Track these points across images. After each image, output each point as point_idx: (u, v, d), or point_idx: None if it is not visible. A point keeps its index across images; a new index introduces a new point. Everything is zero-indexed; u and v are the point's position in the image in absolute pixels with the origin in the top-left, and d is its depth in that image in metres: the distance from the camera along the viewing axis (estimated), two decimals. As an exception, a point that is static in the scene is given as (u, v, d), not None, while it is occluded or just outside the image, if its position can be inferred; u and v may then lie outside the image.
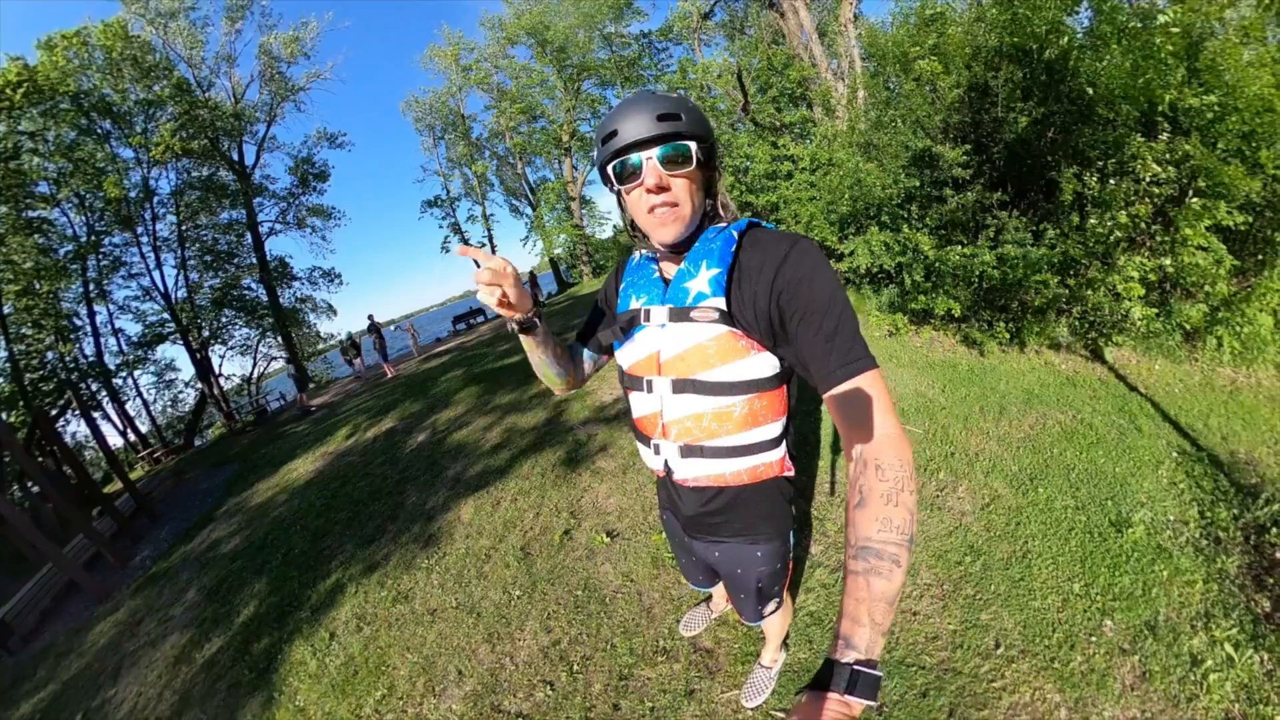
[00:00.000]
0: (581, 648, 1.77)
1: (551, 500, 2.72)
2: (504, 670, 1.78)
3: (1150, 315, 3.29)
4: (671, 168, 0.67)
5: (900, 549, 0.50)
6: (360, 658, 2.09)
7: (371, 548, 2.91)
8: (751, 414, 0.74)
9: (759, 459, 0.78)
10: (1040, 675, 1.46)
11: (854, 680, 0.44)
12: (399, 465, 4.06)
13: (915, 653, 1.55)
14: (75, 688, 2.62)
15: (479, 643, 1.94)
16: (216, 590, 3.13)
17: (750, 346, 0.70)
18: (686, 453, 0.78)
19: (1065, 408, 2.93)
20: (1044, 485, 2.26)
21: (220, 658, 2.40)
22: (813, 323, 0.62)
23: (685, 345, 0.73)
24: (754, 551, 0.89)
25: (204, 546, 4.03)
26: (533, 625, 1.92)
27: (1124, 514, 2.05)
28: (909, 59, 3.84)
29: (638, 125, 0.66)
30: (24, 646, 3.43)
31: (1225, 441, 2.67)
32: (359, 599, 2.48)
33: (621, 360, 0.85)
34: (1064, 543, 1.93)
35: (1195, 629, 1.58)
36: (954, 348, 3.96)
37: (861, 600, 0.48)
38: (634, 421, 0.88)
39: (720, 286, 0.70)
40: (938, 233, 3.86)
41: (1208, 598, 1.69)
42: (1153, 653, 1.51)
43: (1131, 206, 3.19)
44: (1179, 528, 2.01)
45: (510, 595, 2.11)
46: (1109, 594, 1.70)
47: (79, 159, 10.89)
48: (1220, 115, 3.10)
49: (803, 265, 0.65)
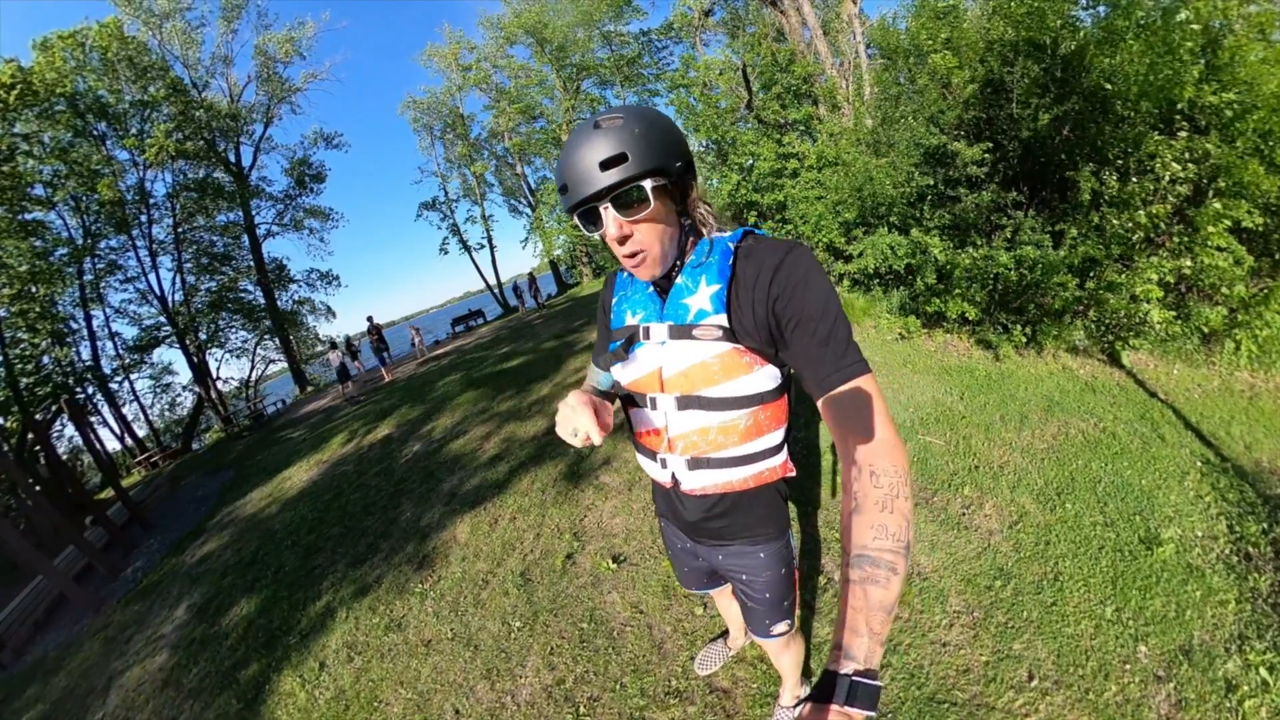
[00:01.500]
0: (588, 687, 1.67)
1: (553, 519, 2.62)
2: (504, 711, 1.68)
3: (1169, 318, 3.19)
4: (629, 213, 0.65)
5: (897, 556, 0.50)
6: (351, 691, 1.99)
7: (364, 568, 2.82)
8: (756, 425, 0.75)
9: (764, 465, 0.79)
10: (1075, 708, 1.37)
11: (853, 691, 0.43)
12: (394, 477, 3.97)
13: (946, 688, 1.46)
14: (65, 707, 2.58)
15: (477, 679, 1.83)
16: (205, 609, 3.07)
17: (754, 362, 0.70)
18: (694, 465, 0.79)
19: (1087, 415, 2.84)
20: (1071, 500, 2.16)
21: (207, 684, 2.34)
22: (807, 329, 0.63)
23: (688, 362, 0.73)
24: (757, 553, 0.91)
25: (195, 560, 3.97)
26: (535, 661, 1.82)
27: (1153, 530, 1.97)
28: (923, 52, 3.71)
29: (583, 180, 0.63)
30: (16, 660, 3.37)
31: (1249, 451, 2.60)
32: (350, 625, 2.39)
33: (621, 377, 0.83)
34: (1094, 563, 1.83)
35: (1229, 652, 1.53)
36: (969, 351, 3.84)
37: (859, 609, 0.48)
38: (635, 436, 0.88)
39: (721, 303, 0.69)
40: (950, 233, 3.74)
41: (1240, 618, 1.64)
42: (1188, 679, 1.45)
43: (1150, 206, 3.09)
44: (1208, 544, 1.94)
45: (510, 627, 2.00)
46: (1141, 618, 1.62)
47: (74, 161, 10.77)
48: (1240, 113, 3.00)
49: (796, 272, 0.65)
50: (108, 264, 11.91)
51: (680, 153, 0.67)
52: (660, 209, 0.68)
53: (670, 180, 0.67)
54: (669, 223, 0.70)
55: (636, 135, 0.62)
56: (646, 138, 0.63)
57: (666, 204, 0.69)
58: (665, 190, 0.68)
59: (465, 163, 17.46)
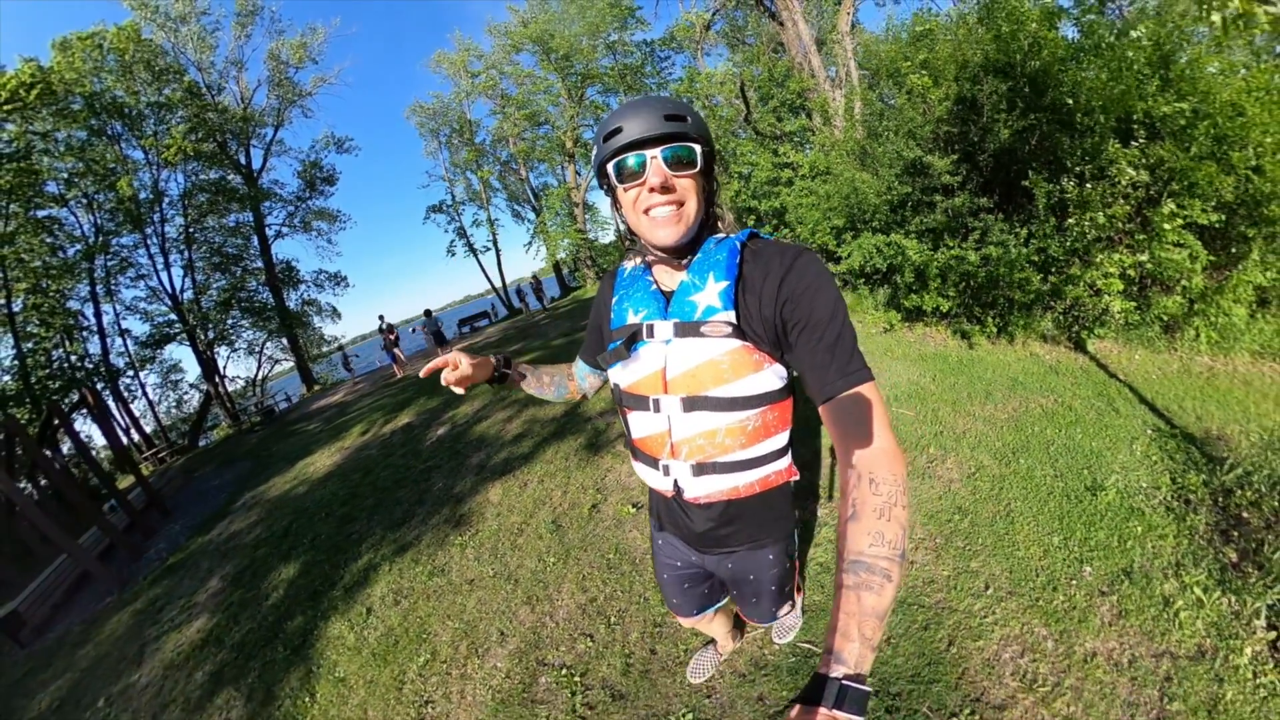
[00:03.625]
0: (617, 603, 1.96)
1: (577, 480, 2.91)
2: (545, 628, 1.95)
3: (1129, 308, 3.53)
4: (676, 168, 0.67)
5: (891, 564, 0.50)
6: (400, 628, 2.17)
7: (401, 530, 3.02)
8: (764, 426, 0.75)
9: (770, 468, 0.79)
10: (1027, 612, 1.66)
11: (842, 695, 0.44)
12: (421, 456, 4.20)
13: (915, 595, 1.76)
14: (95, 675, 2.60)
15: (519, 605, 2.10)
16: (241, 577, 3.17)
17: (762, 360, 0.70)
18: (699, 471, 0.77)
19: (1048, 393, 3.15)
20: (1025, 457, 2.47)
21: (251, 638, 2.43)
22: (815, 333, 0.63)
23: (696, 361, 0.71)
24: (765, 555, 0.91)
25: (223, 538, 4.08)
26: (569, 587, 2.10)
27: (1099, 481, 2.26)
28: (901, 73, 4.12)
29: (644, 123, 0.66)
30: (36, 639, 3.40)
31: (1199, 420, 2.83)
32: (393, 576, 2.57)
33: (619, 379, 0.80)
34: (1043, 504, 2.14)
35: (1167, 576, 1.74)
36: (945, 341, 4.20)
37: (851, 614, 0.48)
38: (634, 443, 0.85)
39: (730, 299, 0.69)
40: (927, 236, 4.11)
41: (1179, 550, 1.84)
42: (1129, 595, 1.69)
43: (1110, 208, 3.43)
44: (1151, 493, 2.20)
45: (545, 563, 2.29)
46: (1086, 546, 1.91)
47: (91, 159, 11.05)
48: (1192, 121, 3.35)
49: (806, 276, 0.66)
50: (120, 261, 12.17)
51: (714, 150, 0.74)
52: (700, 179, 0.71)
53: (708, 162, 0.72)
54: (701, 198, 0.73)
55: (694, 112, 0.70)
56: (699, 118, 0.70)
57: (701, 182, 0.72)
58: (705, 168, 0.71)
59: (471, 167, 17.86)
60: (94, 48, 11.25)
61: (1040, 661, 1.52)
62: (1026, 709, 1.39)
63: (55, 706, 2.47)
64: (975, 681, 1.48)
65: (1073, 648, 1.55)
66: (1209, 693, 1.37)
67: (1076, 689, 1.43)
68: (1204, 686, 1.39)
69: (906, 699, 1.45)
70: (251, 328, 14.24)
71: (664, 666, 1.67)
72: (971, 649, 1.57)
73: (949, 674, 1.50)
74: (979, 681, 1.48)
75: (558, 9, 14.77)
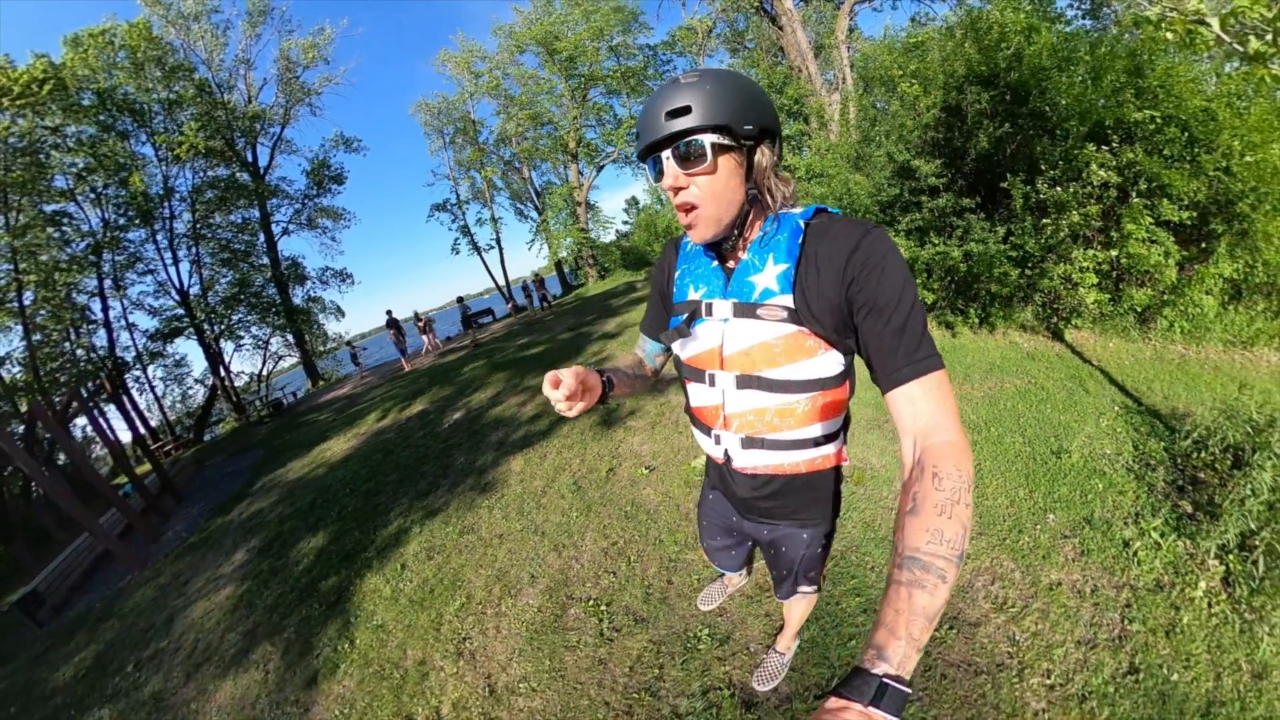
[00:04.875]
0: (635, 545, 2.20)
1: (594, 449, 3.15)
2: (572, 569, 2.18)
3: (1103, 300, 3.80)
4: (686, 166, 0.65)
5: (948, 564, 0.48)
6: (435, 579, 2.35)
7: (429, 498, 3.21)
8: (815, 410, 0.74)
9: (818, 451, 0.79)
10: (996, 549, 1.91)
11: (881, 693, 0.42)
12: (440, 437, 4.38)
13: (888, 531, 2.00)
14: (121, 644, 2.65)
15: (547, 552, 2.33)
16: (268, 549, 3.28)
17: (818, 345, 0.68)
18: (748, 444, 0.79)
19: (1023, 375, 3.43)
20: (996, 427, 2.75)
21: (285, 600, 2.52)
22: (881, 316, 0.61)
23: (750, 342, 0.72)
24: (801, 534, 0.93)
25: (244, 517, 4.19)
26: (592, 535, 2.34)
27: (1064, 447, 2.51)
28: (893, 82, 4.41)
29: (650, 126, 0.65)
30: (54, 618, 3.42)
31: (1166, 400, 3.06)
32: (425, 536, 2.75)
33: (680, 351, 0.83)
34: (1010, 464, 2.40)
35: (1127, 524, 1.94)
36: (930, 331, 4.47)
37: (901, 612, 0.46)
38: (692, 410, 0.88)
39: (788, 283, 0.68)
40: (915, 234, 4.39)
41: (1138, 503, 2.04)
42: (1090, 538, 1.90)
43: (1084, 207, 3.70)
44: (1114, 459, 2.44)
45: (569, 517, 2.52)
46: (1051, 498, 2.16)
47: (102, 155, 11.20)
48: (1160, 126, 3.62)
49: (875, 255, 0.62)
50: (129, 256, 12.32)
51: (756, 118, 0.64)
52: (721, 169, 0.66)
53: (737, 143, 0.65)
54: (729, 187, 0.67)
55: (707, 91, 0.62)
56: (716, 95, 0.62)
57: (729, 165, 0.66)
58: (728, 150, 0.65)
59: (475, 166, 18.11)
60: (105, 44, 11.42)
61: (1009, 589, 1.76)
62: (999, 626, 1.63)
63: (81, 675, 2.51)
64: (951, 603, 1.72)
65: (1039, 578, 1.78)
66: (1167, 618, 1.59)
67: (1043, 610, 1.66)
68: (1162, 613, 1.61)
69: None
70: (258, 323, 14.39)
71: (680, 594, 1.91)
72: (947, 576, 1.80)
73: (927, 595, 1.74)
74: (954, 603, 1.72)
75: (562, 11, 15.06)
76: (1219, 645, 1.51)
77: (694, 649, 1.68)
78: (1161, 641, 1.53)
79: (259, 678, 2.10)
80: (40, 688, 2.57)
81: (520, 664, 1.80)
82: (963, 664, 1.53)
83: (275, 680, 2.06)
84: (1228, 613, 1.60)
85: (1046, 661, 1.50)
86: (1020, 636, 1.59)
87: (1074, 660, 1.50)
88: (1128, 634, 1.57)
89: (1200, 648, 1.50)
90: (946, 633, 1.62)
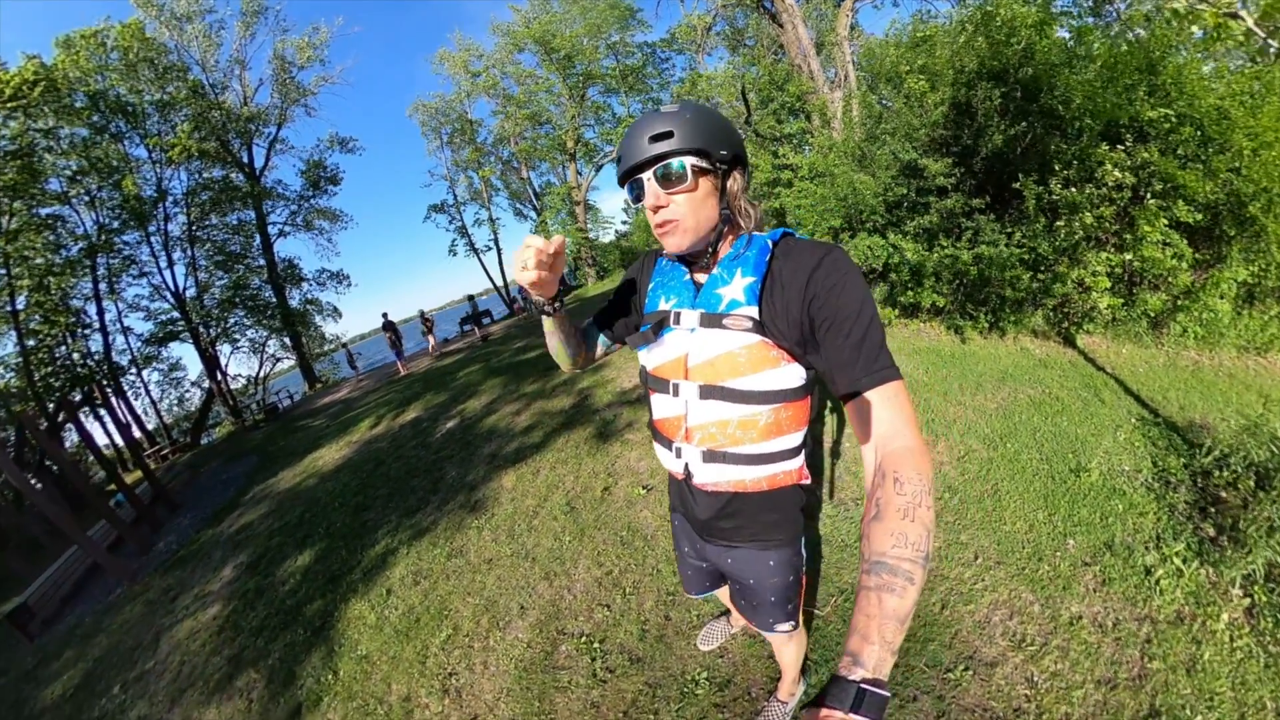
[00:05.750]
0: (631, 575, 2.07)
1: (588, 466, 3.02)
2: (564, 600, 2.06)
3: (1116, 304, 3.68)
4: (667, 185, 0.70)
5: (914, 566, 0.49)
6: (421, 607, 2.24)
7: (417, 516, 3.09)
8: (776, 423, 0.75)
9: (779, 467, 0.79)
10: (1014, 580, 1.79)
11: (860, 699, 0.43)
12: (432, 448, 4.28)
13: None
14: (109, 663, 2.59)
15: (537, 580, 2.21)
16: (256, 565, 3.19)
17: (781, 357, 0.71)
18: (709, 458, 0.79)
19: (1036, 384, 3.29)
20: (1012, 442, 2.61)
21: (270, 622, 2.45)
22: (842, 330, 0.63)
23: (715, 351, 0.74)
24: (766, 559, 0.90)
25: (234, 529, 4.09)
26: (585, 562, 2.22)
27: (1083, 464, 2.39)
28: (900, 77, 4.27)
29: (633, 150, 0.71)
30: (45, 631, 3.38)
31: (1182, 410, 2.97)
32: (412, 559, 2.63)
33: (646, 361, 0.85)
34: (1029, 484, 2.27)
35: (1148, 549, 1.85)
36: (939, 336, 4.35)
37: (872, 616, 0.47)
38: (654, 423, 0.89)
39: (754, 295, 0.71)
40: (923, 236, 4.26)
41: (1159, 525, 1.94)
42: (1111, 565, 1.80)
43: (1098, 208, 3.58)
44: (1133, 475, 2.34)
45: (561, 541, 2.40)
46: (1070, 521, 2.04)
47: (95, 157, 11.09)
48: (1175, 125, 3.50)
49: (834, 273, 0.66)
50: (123, 259, 12.21)
51: (728, 145, 0.71)
52: (698, 189, 0.71)
53: (713, 166, 0.71)
54: (706, 205, 0.72)
55: (687, 120, 0.69)
56: (695, 123, 0.69)
57: (705, 187, 0.72)
58: (705, 173, 0.71)
59: (473, 166, 17.97)
60: (98, 45, 11.30)
61: (1028, 624, 1.64)
62: (1016, 666, 1.52)
63: (69, 694, 2.45)
64: (968, 641, 1.60)
65: (1059, 612, 1.67)
66: (1188, 654, 1.49)
67: (1063, 648, 1.55)
68: (1183, 648, 1.50)
69: (904, 655, 1.58)
70: (254, 326, 14.29)
71: (678, 631, 1.79)
72: (963, 612, 1.69)
73: (943, 634, 1.63)
74: (971, 641, 1.60)
75: (559, 9, 14.91)
76: (1243, 682, 1.41)
77: (691, 694, 1.57)
78: (1183, 680, 1.43)
79: (242, 706, 2.02)
80: (29, 705, 2.52)
81: (508, 704, 1.68)
82: (978, 708, 1.42)
83: (259, 710, 1.97)
84: (1252, 646, 1.50)
85: (1065, 705, 1.39)
86: (1039, 677, 1.48)
87: (1094, 703, 1.40)
88: (1148, 672, 1.47)
89: (1224, 685, 1.40)
90: (961, 674, 1.51)
